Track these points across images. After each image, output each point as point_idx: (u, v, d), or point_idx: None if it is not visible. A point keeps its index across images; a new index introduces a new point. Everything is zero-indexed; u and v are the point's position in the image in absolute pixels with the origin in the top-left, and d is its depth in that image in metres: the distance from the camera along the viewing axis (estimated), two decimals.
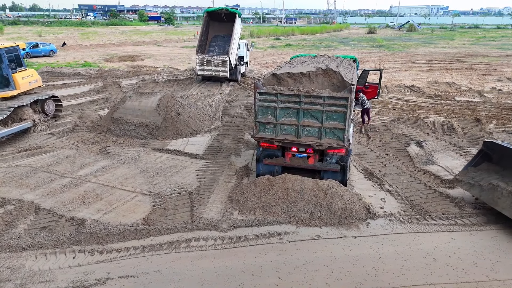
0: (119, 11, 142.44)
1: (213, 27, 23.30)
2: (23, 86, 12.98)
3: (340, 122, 8.20)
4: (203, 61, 21.49)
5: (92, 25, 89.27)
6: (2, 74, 12.47)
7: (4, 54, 12.34)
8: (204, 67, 21.61)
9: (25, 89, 13.19)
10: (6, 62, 12.40)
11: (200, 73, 22.07)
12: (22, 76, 13.01)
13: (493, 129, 13.82)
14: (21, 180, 9.38)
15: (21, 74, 12.96)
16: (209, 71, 21.65)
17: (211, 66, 21.49)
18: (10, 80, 12.59)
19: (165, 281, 6.01)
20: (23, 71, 13.18)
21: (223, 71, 21.48)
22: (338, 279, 6.04)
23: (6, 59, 12.38)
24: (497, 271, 6.23)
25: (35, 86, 13.77)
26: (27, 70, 13.52)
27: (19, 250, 6.63)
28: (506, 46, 48.93)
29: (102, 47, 44.36)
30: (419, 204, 8.43)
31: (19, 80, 12.80)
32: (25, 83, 13.11)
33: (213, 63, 21.39)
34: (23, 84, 12.99)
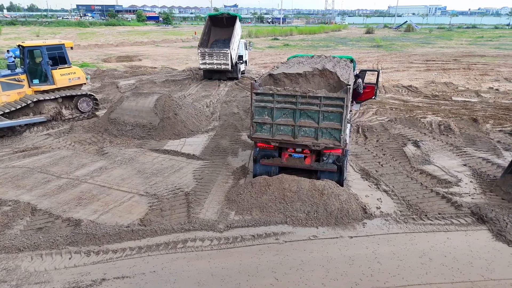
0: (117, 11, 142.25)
1: (214, 32, 24.11)
2: (60, 82, 14.02)
3: (336, 122, 8.21)
4: (205, 55, 21.91)
5: (90, 25, 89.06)
6: (42, 69, 13.66)
7: (44, 51, 13.42)
8: (206, 60, 22.02)
9: (63, 85, 14.14)
10: (46, 58, 13.48)
11: (202, 67, 22.45)
12: (62, 72, 14.03)
13: (489, 129, 13.86)
14: (17, 181, 9.36)
15: (60, 71, 14.00)
16: (211, 64, 22.04)
17: (213, 59, 21.90)
18: (48, 75, 13.74)
19: (161, 281, 6.01)
20: (65, 68, 14.18)
21: (224, 64, 21.87)
22: (334, 279, 6.05)
23: (46, 55, 13.46)
24: (492, 270, 6.25)
25: (76, 83, 14.65)
26: (70, 67, 14.49)
27: (15, 251, 6.62)
28: (504, 46, 49.05)
29: (100, 48, 44.27)
30: (416, 204, 8.45)
31: (57, 76, 13.89)
32: (64, 80, 14.11)
33: (215, 56, 21.80)
34: (61, 80, 14.04)
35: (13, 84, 13.13)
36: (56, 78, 13.91)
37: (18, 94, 13.28)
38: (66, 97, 14.23)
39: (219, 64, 21.99)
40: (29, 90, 13.55)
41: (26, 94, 13.45)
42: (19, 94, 13.29)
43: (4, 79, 12.91)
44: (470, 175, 10.00)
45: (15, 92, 13.18)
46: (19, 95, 13.29)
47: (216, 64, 22.04)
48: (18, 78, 13.25)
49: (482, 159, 10.95)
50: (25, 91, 13.45)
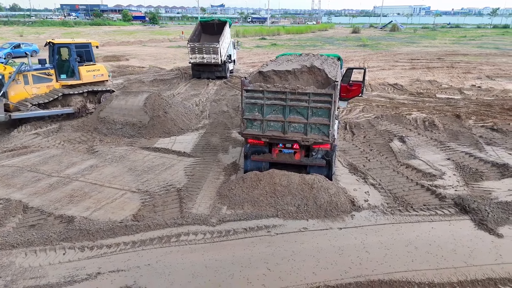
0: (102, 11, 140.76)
1: (204, 38, 24.72)
2: (86, 77, 15.11)
3: (325, 118, 8.42)
4: (195, 49, 22.21)
5: (75, 25, 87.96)
6: (70, 65, 14.75)
7: (73, 48, 14.51)
8: (196, 55, 22.35)
9: (88, 81, 15.25)
10: (74, 55, 14.56)
11: (193, 61, 22.71)
12: (87, 69, 15.14)
13: (472, 124, 14.28)
14: (7, 180, 9.33)
15: (86, 68, 15.10)
16: (201, 58, 22.34)
17: (203, 53, 22.22)
18: (75, 71, 14.82)
19: (156, 274, 6.13)
20: (90, 65, 15.30)
21: (214, 58, 22.20)
22: (324, 268, 6.26)
23: (74, 52, 14.55)
24: (475, 257, 6.54)
25: (100, 80, 15.73)
26: (95, 65, 15.63)
27: (9, 248, 6.65)
28: (486, 45, 50.23)
29: None
30: (402, 196, 8.73)
31: (83, 73, 14.99)
32: (89, 76, 15.22)
33: (205, 51, 22.14)
34: (86, 76, 15.13)
35: (43, 77, 14.20)
36: (82, 74, 14.97)
37: (47, 87, 14.33)
38: (90, 92, 15.26)
39: (209, 58, 22.28)
40: (57, 84, 14.60)
41: (54, 88, 14.49)
42: (47, 87, 14.33)
43: (36, 73, 13.96)
44: (454, 168, 10.34)
45: (44, 85, 14.24)
46: (47, 88, 14.33)
47: (206, 58, 22.33)
48: (48, 72, 14.31)
49: (465, 153, 11.31)
50: (53, 85, 14.50)
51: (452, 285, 5.88)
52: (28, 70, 13.73)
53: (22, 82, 13.60)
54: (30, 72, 13.75)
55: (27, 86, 13.73)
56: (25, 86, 13.69)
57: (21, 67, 13.48)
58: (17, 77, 13.38)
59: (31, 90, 13.83)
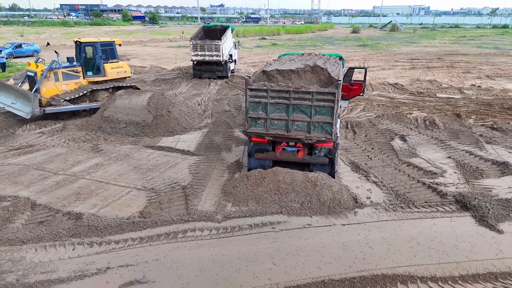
0: (102, 11, 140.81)
1: None
2: (110, 74, 16.04)
3: (328, 117, 8.56)
4: (197, 46, 22.46)
5: (75, 25, 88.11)
6: (95, 63, 15.64)
7: (98, 46, 15.42)
8: (198, 52, 22.60)
9: (112, 77, 16.18)
10: (100, 53, 15.47)
11: (195, 59, 22.95)
12: (112, 66, 16.06)
13: (472, 123, 14.43)
14: (14, 178, 9.46)
15: (111, 65, 16.02)
16: (202, 56, 22.57)
17: (205, 51, 22.45)
18: (101, 68, 15.75)
19: (164, 269, 6.26)
20: (114, 62, 16.22)
21: (216, 55, 22.44)
22: (329, 263, 6.39)
23: (100, 51, 15.46)
24: (476, 252, 6.68)
25: (123, 76, 16.71)
26: (118, 62, 16.51)
27: (19, 244, 6.78)
28: (485, 45, 50.42)
29: None
30: (403, 193, 8.87)
31: (108, 69, 15.92)
32: (113, 72, 16.15)
33: (207, 48, 22.38)
34: (111, 73, 16.06)
35: (72, 74, 15.10)
36: (107, 71, 15.91)
37: (75, 84, 15.25)
38: (115, 87, 16.11)
39: (210, 56, 22.49)
40: (84, 81, 15.52)
41: (82, 84, 15.42)
42: (76, 84, 15.25)
43: (65, 70, 14.85)
44: (454, 166, 10.48)
45: (72, 82, 15.16)
46: (76, 84, 15.25)
47: (208, 56, 22.54)
48: (76, 69, 15.21)
49: (465, 152, 11.46)
50: (80, 81, 15.43)
51: (454, 279, 6.02)
52: (58, 68, 14.55)
53: (53, 79, 14.46)
54: (60, 70, 14.61)
55: (57, 82, 14.62)
56: (56, 82, 14.57)
57: (52, 65, 14.33)
58: (48, 74, 14.22)
59: (61, 86, 14.72)
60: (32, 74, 14.28)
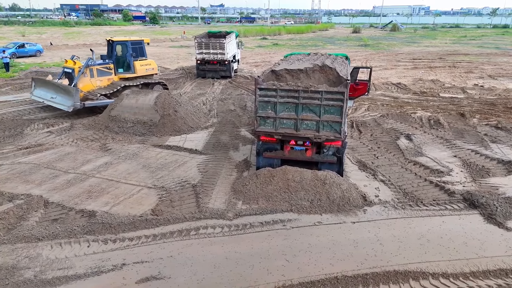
0: (102, 11, 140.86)
1: None
2: (139, 71, 16.91)
3: (337, 116, 8.66)
4: (202, 44, 22.91)
5: (76, 25, 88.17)
6: (126, 60, 16.53)
7: (129, 45, 16.38)
8: (203, 50, 23.01)
9: (141, 74, 17.02)
10: (130, 51, 16.41)
11: (199, 57, 23.26)
12: (141, 64, 16.91)
13: (476, 123, 14.53)
14: (25, 176, 9.55)
15: (140, 62, 16.87)
16: (207, 54, 22.98)
17: (209, 49, 22.88)
18: (131, 65, 16.64)
19: (178, 265, 6.36)
20: (143, 60, 17.09)
21: (220, 53, 22.84)
22: (341, 260, 6.49)
23: (130, 49, 16.40)
24: (485, 249, 6.78)
25: (151, 73, 17.55)
26: (146, 60, 17.35)
27: (35, 241, 6.87)
28: (486, 45, 50.53)
29: (89, 47, 43.93)
30: (411, 192, 8.96)
31: (137, 67, 16.79)
32: (142, 69, 17.00)
33: (211, 46, 22.83)
34: (140, 70, 16.92)
35: (105, 71, 15.98)
36: (137, 68, 16.77)
37: (108, 80, 16.12)
38: (144, 84, 16.99)
39: (215, 54, 22.87)
40: (115, 77, 16.40)
41: (114, 81, 16.29)
42: (108, 80, 16.13)
43: (99, 67, 15.73)
44: (460, 165, 10.58)
45: (105, 78, 16.03)
46: (108, 81, 16.13)
47: (213, 54, 22.91)
48: (109, 66, 16.09)
49: (471, 151, 11.56)
50: (112, 78, 16.29)
51: (465, 275, 6.11)
52: (93, 65, 15.45)
53: (89, 75, 15.34)
54: (95, 67, 15.51)
55: (92, 79, 15.49)
56: (91, 79, 15.45)
57: (89, 62, 15.24)
58: (85, 71, 15.10)
59: (95, 82, 15.62)
60: (70, 70, 15.16)
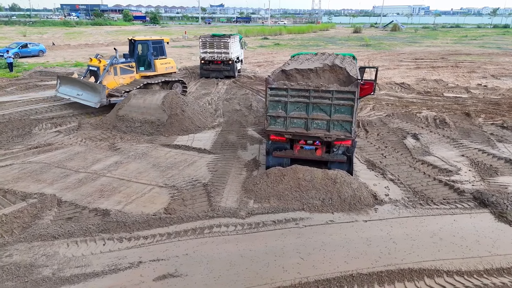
0: (103, 11, 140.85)
1: None
2: (160, 69, 17.44)
3: (347, 115, 8.72)
4: (206, 43, 23.23)
5: (76, 25, 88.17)
6: (147, 59, 17.05)
7: (150, 44, 16.95)
8: (207, 49, 23.32)
9: (162, 72, 17.54)
10: (151, 50, 16.96)
11: (203, 56, 23.51)
12: (161, 62, 17.44)
13: (482, 122, 14.59)
14: (36, 176, 9.61)
15: (160, 61, 17.41)
16: (211, 53, 23.29)
17: (214, 48, 23.19)
18: (151, 64, 17.17)
19: (195, 263, 6.42)
20: (163, 59, 17.61)
21: (225, 53, 23.16)
22: (355, 258, 6.55)
23: (151, 48, 16.97)
24: (498, 247, 6.84)
25: (170, 71, 18.03)
26: (166, 58, 17.82)
27: (51, 239, 6.93)
28: (488, 44, 50.60)
29: (91, 47, 44.04)
30: (421, 191, 9.02)
31: (158, 65, 17.32)
32: (162, 68, 17.53)
33: (216, 45, 23.13)
34: (160, 68, 17.45)
35: (127, 69, 16.52)
36: (157, 66, 17.30)
37: (130, 78, 16.65)
38: (164, 81, 17.51)
39: (219, 53, 23.17)
40: (137, 75, 16.92)
41: (135, 78, 16.82)
42: (130, 78, 16.66)
43: (122, 65, 16.25)
44: (468, 164, 10.65)
45: (128, 76, 16.55)
46: (130, 78, 16.66)
47: (217, 53, 23.22)
48: (131, 65, 16.59)
49: (478, 150, 11.62)
50: (134, 76, 16.82)
51: (479, 273, 6.18)
52: (117, 63, 15.99)
53: (112, 73, 15.89)
54: (118, 65, 16.06)
55: (116, 76, 16.03)
56: (114, 76, 15.98)
57: (113, 60, 15.82)
58: (109, 69, 15.65)
59: (119, 80, 16.17)
60: (95, 68, 15.77)
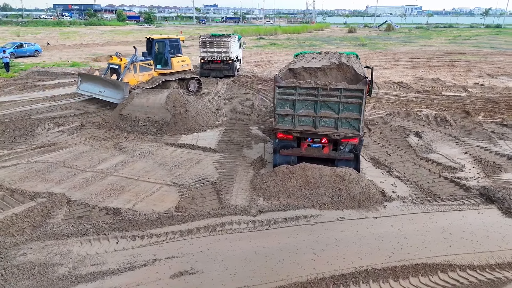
0: (96, 11, 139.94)
1: None
2: (176, 67, 18.17)
3: (355, 113, 8.80)
4: (206, 43, 23.51)
5: (70, 25, 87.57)
6: (164, 57, 17.73)
7: (167, 42, 17.69)
8: (207, 49, 23.57)
9: (178, 70, 18.25)
10: (168, 48, 17.71)
11: (203, 55, 23.74)
12: (177, 60, 18.19)
13: (482, 120, 14.77)
14: (43, 175, 9.56)
15: (176, 59, 18.16)
16: (211, 52, 23.57)
17: (214, 47, 23.49)
18: (168, 62, 17.90)
19: (210, 260, 6.44)
20: (179, 57, 18.38)
21: (224, 52, 23.44)
22: (368, 253, 6.62)
23: (168, 46, 17.72)
24: (508, 242, 6.96)
25: (186, 69, 18.75)
26: (181, 56, 18.63)
27: (64, 238, 6.91)
28: (481, 44, 51.12)
29: (86, 47, 43.81)
30: (427, 188, 9.13)
31: (174, 63, 18.06)
32: (178, 65, 18.26)
33: (216, 44, 23.42)
34: (177, 66, 18.18)
35: (146, 67, 17.09)
36: (174, 64, 18.01)
37: (148, 75, 17.21)
38: (180, 78, 18.09)
39: (219, 52, 23.45)
40: (155, 73, 17.52)
41: (154, 76, 17.39)
42: (149, 76, 17.22)
43: (142, 63, 16.88)
44: (472, 161, 10.78)
45: (146, 74, 17.11)
46: (149, 76, 17.22)
47: (217, 52, 23.48)
48: (149, 63, 17.18)
49: (480, 147, 11.77)
50: (152, 73, 17.38)
51: (491, 267, 6.28)
52: (137, 61, 16.61)
53: (132, 70, 16.45)
54: (138, 63, 16.67)
55: (135, 74, 16.57)
56: (134, 74, 16.52)
57: (133, 58, 16.47)
58: (130, 66, 16.21)
59: (138, 77, 16.71)
60: (116, 66, 16.36)
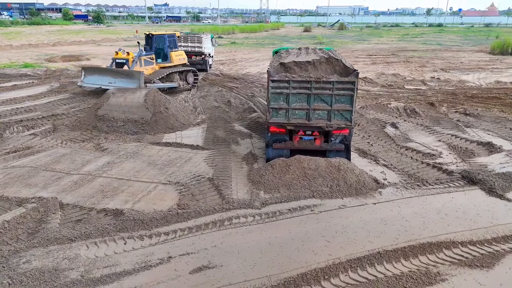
0: (39, 10, 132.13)
1: None
2: (175, 61, 19.25)
3: (347, 104, 9.10)
4: (180, 38, 23.86)
5: (12, 25, 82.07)
6: (164, 51, 18.80)
7: (166, 38, 18.73)
8: (181, 43, 24.05)
9: (176, 63, 19.33)
10: (167, 43, 18.81)
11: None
12: (175, 54, 19.31)
13: (446, 111, 15.78)
14: (25, 180, 8.98)
15: (174, 53, 19.27)
16: (185, 47, 24.15)
17: (188, 42, 24.58)
18: (168, 56, 18.98)
19: (226, 254, 6.41)
20: (176, 51, 19.51)
21: (198, 47, 24.63)
22: (377, 237, 6.90)
23: (167, 41, 18.81)
24: (497, 218, 7.54)
25: (182, 62, 19.79)
26: (178, 51, 19.80)
27: (67, 242, 6.56)
28: (429, 42, 54.38)
29: (36, 47, 41.33)
30: (414, 174, 9.64)
31: (173, 57, 19.14)
32: (177, 59, 19.36)
33: (190, 39, 24.86)
34: (176, 59, 19.29)
35: (149, 61, 18.06)
36: (173, 58, 19.10)
37: (151, 69, 18.15)
38: (180, 71, 19.10)
39: (193, 47, 24.53)
40: (156, 66, 18.48)
41: (156, 69, 18.34)
42: (151, 69, 18.14)
43: (146, 57, 17.84)
44: (447, 148, 11.51)
45: (150, 67, 18.01)
46: (151, 69, 18.13)
47: (191, 47, 24.49)
48: (152, 57, 18.18)
49: (451, 135, 12.59)
50: (154, 67, 18.34)
51: (489, 241, 6.78)
52: (142, 55, 17.59)
53: (139, 64, 17.35)
54: (143, 57, 17.64)
55: (141, 67, 17.37)
56: (140, 67, 17.35)
57: (141, 52, 17.50)
58: (137, 60, 17.18)
59: (143, 70, 17.12)
60: (124, 61, 17.36)
